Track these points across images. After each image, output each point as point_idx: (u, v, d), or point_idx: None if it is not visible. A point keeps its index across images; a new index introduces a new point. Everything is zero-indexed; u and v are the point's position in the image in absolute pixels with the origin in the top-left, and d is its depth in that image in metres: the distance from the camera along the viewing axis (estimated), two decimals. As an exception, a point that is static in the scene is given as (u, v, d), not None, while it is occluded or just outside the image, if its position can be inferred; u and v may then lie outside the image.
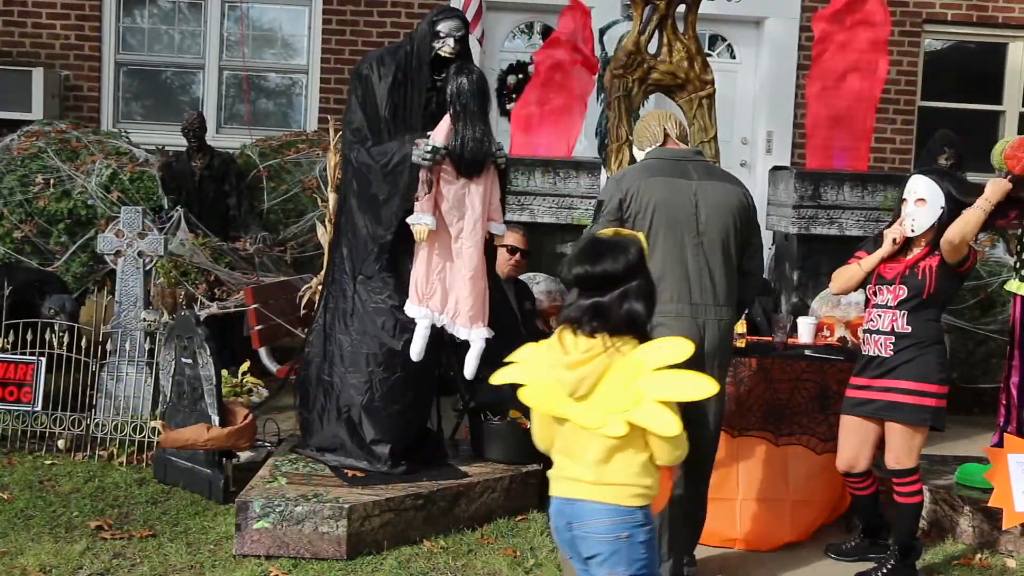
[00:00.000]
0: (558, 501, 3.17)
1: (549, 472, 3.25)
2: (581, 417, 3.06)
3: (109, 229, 6.46)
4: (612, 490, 3.07)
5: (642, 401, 3.00)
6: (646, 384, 3.01)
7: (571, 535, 3.13)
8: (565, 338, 3.11)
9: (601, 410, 3.04)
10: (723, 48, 10.82)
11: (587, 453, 3.08)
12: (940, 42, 11.20)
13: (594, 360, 3.04)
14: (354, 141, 5.14)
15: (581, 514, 3.10)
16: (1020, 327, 5.35)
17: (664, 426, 2.98)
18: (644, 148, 4.53)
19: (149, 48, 10.67)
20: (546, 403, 3.15)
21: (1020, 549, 5.01)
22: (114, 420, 5.99)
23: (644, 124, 4.63)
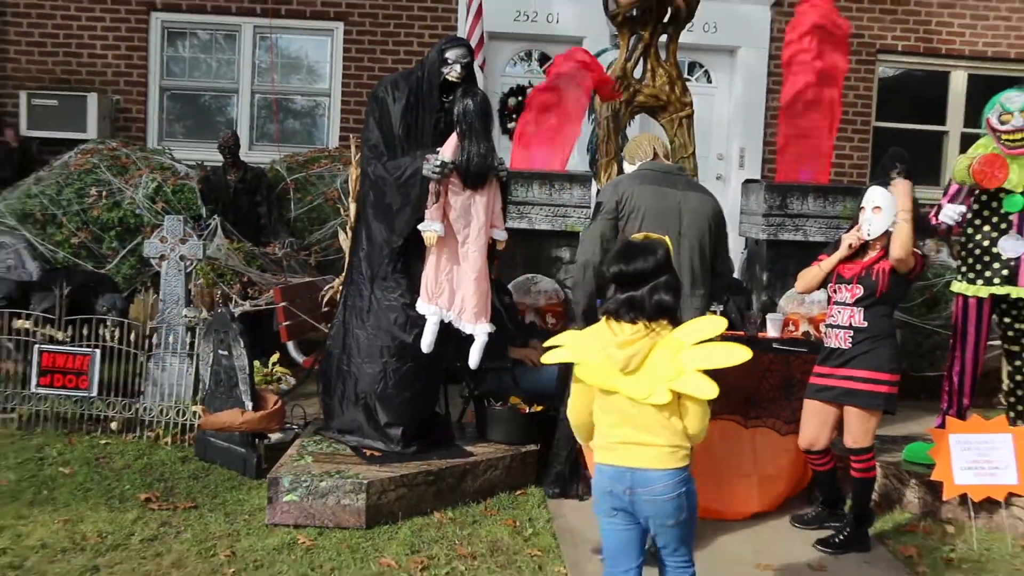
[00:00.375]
0: (615, 469, 3.23)
1: (595, 443, 3.33)
2: (630, 389, 3.17)
3: (155, 235, 6.47)
4: (669, 456, 3.19)
5: (683, 372, 3.13)
6: (686, 357, 3.15)
7: (631, 499, 3.20)
8: (611, 325, 3.25)
9: (648, 382, 3.15)
10: (701, 74, 10.83)
11: (641, 424, 3.19)
12: (892, 70, 11.22)
13: (642, 339, 3.18)
14: (371, 156, 5.16)
15: (646, 480, 3.18)
16: (961, 323, 5.37)
17: (704, 391, 3.11)
18: (635, 162, 4.72)
19: (189, 74, 10.69)
20: (599, 378, 3.22)
21: (958, 516, 5.03)
22: (160, 405, 6.02)
23: (636, 143, 4.83)
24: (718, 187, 10.40)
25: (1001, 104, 5.08)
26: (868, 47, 10.84)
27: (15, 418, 6.01)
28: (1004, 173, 5.07)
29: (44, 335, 6.13)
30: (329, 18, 10.47)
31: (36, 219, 8.04)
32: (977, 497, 4.88)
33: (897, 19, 10.85)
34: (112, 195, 8.14)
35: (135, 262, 7.86)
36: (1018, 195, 5.12)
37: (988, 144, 5.20)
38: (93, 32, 10.31)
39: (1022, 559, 4.68)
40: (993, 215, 5.22)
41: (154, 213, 7.98)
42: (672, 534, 3.25)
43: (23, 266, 7.47)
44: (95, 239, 8.01)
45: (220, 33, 10.65)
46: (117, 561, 4.19)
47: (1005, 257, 5.16)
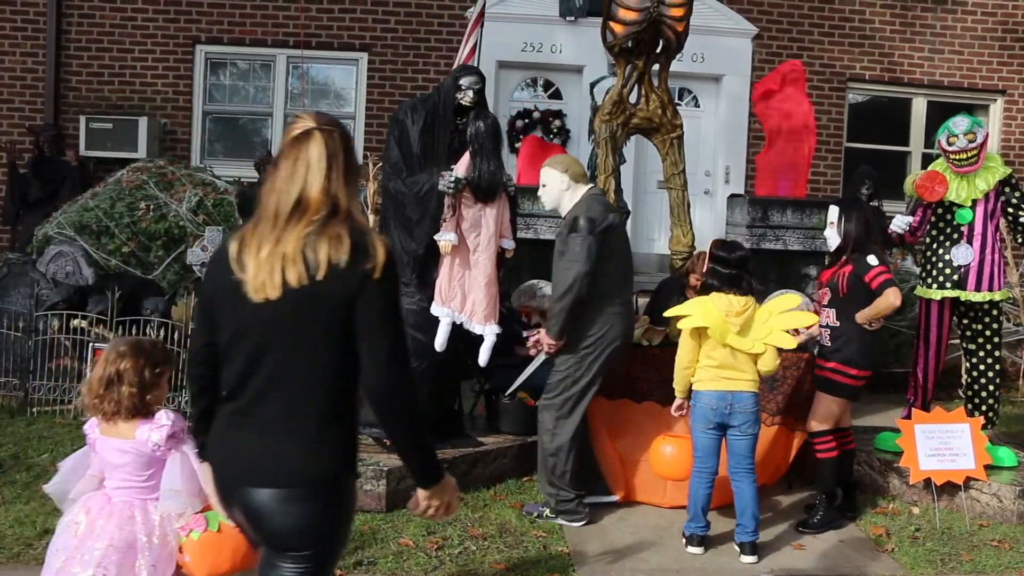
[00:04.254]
0: (720, 393, 4.25)
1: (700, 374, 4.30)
2: (739, 343, 4.25)
3: (196, 244, 6.45)
4: (752, 384, 4.30)
5: (773, 331, 4.30)
6: (775, 322, 4.32)
7: (729, 413, 4.25)
8: (723, 299, 4.28)
9: (751, 338, 4.27)
10: (690, 99, 10.78)
11: (737, 364, 4.27)
12: (860, 96, 11.17)
13: (748, 310, 4.29)
14: (392, 173, 5.12)
15: (741, 399, 4.26)
16: (924, 324, 5.33)
17: (787, 343, 4.35)
18: (579, 182, 4.69)
19: (229, 100, 10.68)
20: (721, 336, 4.23)
21: (922, 499, 4.99)
22: (200, 397, 5.97)
23: (574, 163, 4.78)
24: (706, 201, 10.35)
25: (949, 128, 5.15)
26: (839, 76, 10.80)
27: (72, 409, 5.97)
28: (943, 188, 5.12)
29: (98, 334, 6.09)
30: (355, 49, 10.46)
31: (92, 230, 8.01)
32: (939, 481, 4.84)
33: (864, 51, 10.81)
34: (159, 208, 8.11)
35: (179, 269, 7.82)
36: (968, 209, 5.12)
37: (943, 163, 5.21)
38: (144, 63, 10.31)
39: (979, 536, 4.65)
40: (947, 227, 5.21)
41: (196, 224, 7.95)
42: (748, 443, 4.29)
43: (80, 272, 7.44)
44: (143, 248, 7.98)
45: (257, 63, 10.64)
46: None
47: (956, 264, 5.15)
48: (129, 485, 2.76)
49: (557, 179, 4.63)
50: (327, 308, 2.12)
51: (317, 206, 2.14)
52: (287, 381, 2.14)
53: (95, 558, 2.64)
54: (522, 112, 10.56)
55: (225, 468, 2.22)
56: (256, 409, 2.17)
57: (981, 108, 11.02)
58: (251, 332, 2.16)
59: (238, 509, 2.21)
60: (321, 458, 2.15)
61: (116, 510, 2.72)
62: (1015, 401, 7.09)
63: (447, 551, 4.19)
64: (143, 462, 2.75)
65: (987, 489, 4.89)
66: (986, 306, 5.22)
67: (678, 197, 6.31)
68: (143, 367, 2.73)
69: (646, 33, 5.95)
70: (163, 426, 2.73)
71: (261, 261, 2.12)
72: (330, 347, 2.14)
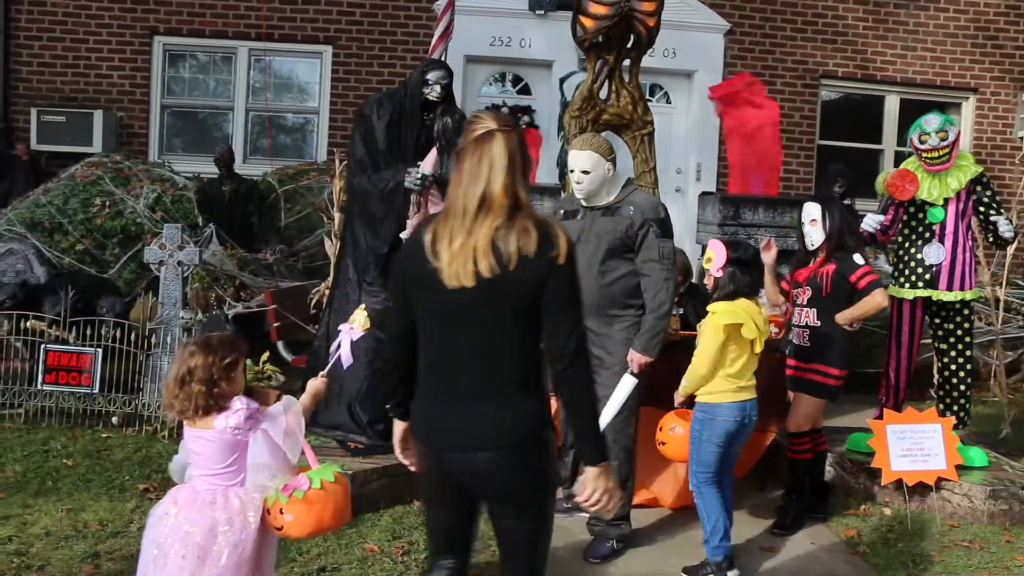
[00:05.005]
0: (740, 403, 4.02)
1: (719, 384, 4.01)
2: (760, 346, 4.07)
3: (154, 242, 6.38)
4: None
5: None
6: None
7: (747, 423, 4.06)
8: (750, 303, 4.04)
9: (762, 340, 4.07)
10: (661, 95, 10.85)
11: (750, 369, 4.07)
12: (834, 93, 11.29)
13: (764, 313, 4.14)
14: (357, 170, 5.10)
15: (755, 408, 4.09)
16: (896, 323, 5.41)
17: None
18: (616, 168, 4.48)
19: (189, 93, 10.58)
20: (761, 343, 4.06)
21: (894, 500, 5.05)
22: (158, 401, 5.91)
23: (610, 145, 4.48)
24: (677, 199, 10.42)
25: (921, 126, 5.20)
26: (812, 72, 10.91)
27: (22, 413, 5.88)
28: (915, 187, 5.18)
29: (50, 335, 6.01)
30: (319, 42, 10.40)
31: (44, 227, 7.91)
32: (911, 482, 4.90)
33: (837, 48, 10.93)
34: (115, 205, 8.03)
35: (136, 267, 7.74)
36: (939, 207, 5.20)
37: (915, 162, 5.28)
38: (100, 54, 10.18)
39: (950, 537, 4.72)
40: (919, 226, 5.29)
41: (154, 222, 7.88)
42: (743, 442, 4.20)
43: (31, 271, 7.34)
44: (99, 246, 7.89)
45: (218, 55, 10.55)
46: (117, 548, 4.10)
47: (927, 263, 5.22)
48: (212, 473, 2.91)
49: (603, 165, 4.15)
50: (518, 293, 2.43)
51: (500, 201, 2.43)
52: (484, 356, 2.47)
53: (177, 546, 2.82)
54: (491, 107, 10.55)
55: (439, 438, 2.53)
56: (460, 382, 2.50)
57: (953, 106, 11.19)
58: (448, 314, 2.47)
59: (458, 473, 2.53)
60: (525, 418, 2.49)
61: (203, 499, 2.88)
62: (986, 401, 7.20)
63: (413, 556, 4.18)
64: (225, 449, 2.90)
65: (958, 490, 4.96)
66: (958, 306, 5.30)
67: (649, 195, 6.35)
68: (212, 364, 2.85)
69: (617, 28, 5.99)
70: (238, 410, 2.87)
71: (455, 252, 2.41)
72: (519, 324, 2.46)
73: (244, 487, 2.91)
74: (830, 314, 4.69)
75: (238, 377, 2.93)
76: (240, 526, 2.86)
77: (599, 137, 4.12)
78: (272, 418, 2.91)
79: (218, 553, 2.82)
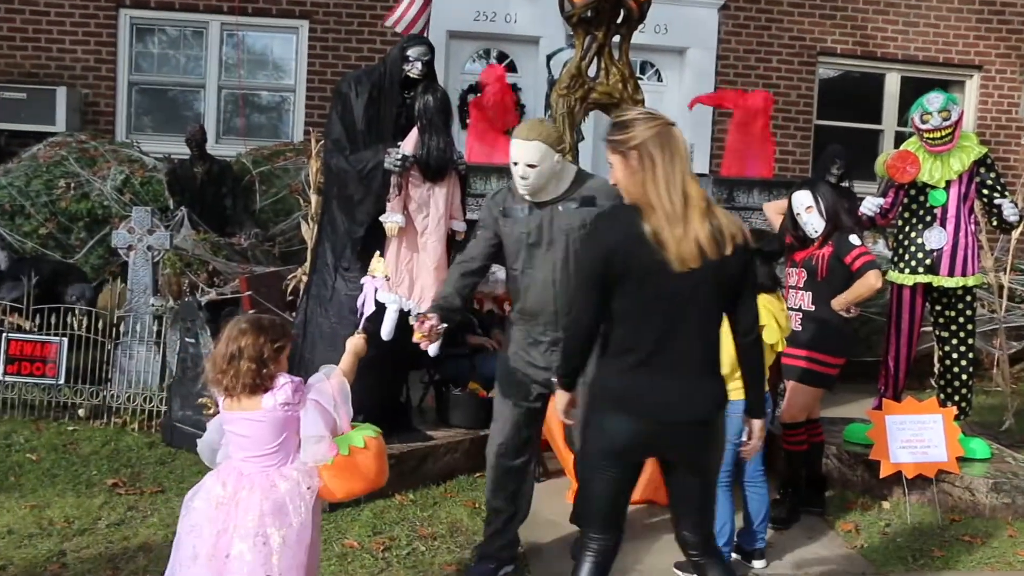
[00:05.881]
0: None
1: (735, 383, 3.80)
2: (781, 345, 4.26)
3: (122, 226, 6.35)
4: None
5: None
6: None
7: None
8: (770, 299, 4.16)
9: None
10: (652, 73, 10.82)
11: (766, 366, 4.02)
12: (832, 71, 11.30)
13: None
14: (334, 150, 5.07)
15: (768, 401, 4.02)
16: (895, 310, 5.42)
17: None
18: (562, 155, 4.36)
19: (158, 70, 10.48)
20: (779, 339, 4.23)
21: (893, 493, 5.08)
22: (127, 392, 5.89)
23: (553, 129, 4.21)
24: (668, 181, 10.40)
25: (922, 105, 5.21)
26: (810, 49, 10.90)
27: (-17, 404, 5.86)
28: (915, 168, 5.19)
29: (11, 324, 5.97)
30: (295, 16, 10.31)
31: (4, 210, 7.85)
32: (911, 474, 4.93)
33: (836, 23, 10.93)
34: (80, 187, 7.96)
35: (103, 252, 7.70)
36: (941, 190, 5.21)
37: (916, 142, 5.29)
38: (62, 27, 10.06)
39: (951, 531, 4.75)
40: (920, 208, 5.30)
41: (122, 204, 7.83)
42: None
43: (-8, 256, 7.29)
44: (63, 230, 7.83)
45: (188, 30, 10.45)
46: (84, 546, 4.09)
47: (928, 248, 5.24)
48: (261, 454, 2.98)
49: (551, 156, 3.77)
50: (729, 275, 2.88)
51: (697, 190, 2.85)
52: (700, 333, 2.90)
53: (250, 529, 2.88)
54: (474, 86, 10.51)
55: (660, 408, 2.89)
56: (688, 358, 2.89)
57: (957, 84, 11.21)
58: (672, 297, 2.84)
59: (668, 439, 2.93)
60: (722, 389, 2.99)
61: (257, 481, 2.95)
62: (989, 391, 7.26)
63: (394, 552, 4.18)
64: (277, 428, 2.98)
65: (959, 482, 4.99)
66: (960, 292, 5.32)
67: (640, 177, 6.34)
68: (263, 344, 2.95)
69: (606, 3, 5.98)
70: (284, 384, 2.97)
71: (679, 239, 2.78)
72: (720, 304, 2.93)
73: (293, 464, 2.99)
74: (825, 299, 4.70)
75: (284, 362, 3.02)
76: (305, 505, 2.96)
77: (546, 124, 3.89)
78: (318, 388, 3.03)
79: (290, 529, 2.91)
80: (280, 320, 3.16)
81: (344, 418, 3.06)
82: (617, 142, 2.89)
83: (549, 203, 3.83)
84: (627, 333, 2.90)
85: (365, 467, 3.05)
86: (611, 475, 2.98)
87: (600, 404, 2.96)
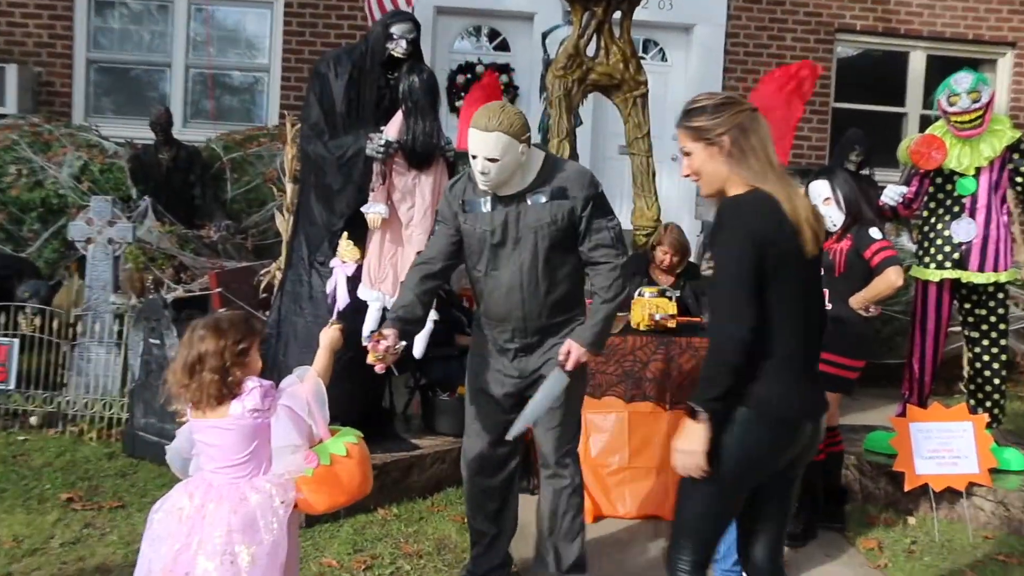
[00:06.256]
0: None
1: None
2: None
3: (80, 217, 6.32)
4: None
5: None
6: None
7: None
8: None
9: None
10: (656, 52, 10.82)
11: None
12: (851, 49, 11.30)
13: None
14: (312, 135, 5.06)
15: None
16: (920, 309, 5.42)
17: None
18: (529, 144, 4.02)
19: (119, 47, 10.45)
20: None
21: (919, 508, 5.07)
22: (84, 398, 5.86)
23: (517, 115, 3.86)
24: (674, 169, 10.40)
25: (950, 86, 5.20)
26: (826, 26, 10.90)
27: (-73, 411, 5.82)
28: (941, 154, 5.19)
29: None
30: (268, -11, 10.30)
31: (-50, 200, 7.81)
32: (938, 487, 4.91)
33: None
34: (34, 174, 7.93)
35: (59, 246, 7.66)
36: (970, 178, 5.20)
37: (943, 126, 5.28)
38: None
39: (983, 550, 4.73)
40: (947, 198, 5.30)
41: (80, 193, 7.79)
42: None
43: (-63, 249, 7.25)
44: (14, 221, 7.79)
45: (152, 4, 10.43)
46: (35, 567, 4.05)
47: (956, 241, 5.24)
48: (230, 464, 2.95)
49: (515, 148, 3.59)
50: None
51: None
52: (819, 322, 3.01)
53: (217, 547, 2.84)
54: (464, 66, 10.51)
55: (809, 409, 2.94)
56: (812, 355, 2.98)
57: (988, 63, 11.22)
58: (808, 287, 2.91)
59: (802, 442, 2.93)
60: None
61: (225, 494, 2.92)
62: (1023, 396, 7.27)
63: (376, 571, 4.16)
64: (246, 436, 2.95)
65: (992, 496, 4.99)
66: (991, 288, 5.31)
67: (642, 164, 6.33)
68: (223, 349, 2.92)
69: (607, -26, 5.95)
70: (253, 389, 2.94)
71: (805, 222, 2.82)
72: None
73: (267, 475, 2.97)
74: (844, 297, 4.68)
75: (251, 361, 2.99)
76: (278, 520, 2.92)
77: (508, 109, 3.63)
78: (290, 393, 2.99)
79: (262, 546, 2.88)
80: (243, 316, 3.12)
81: (321, 424, 3.03)
82: (703, 129, 2.90)
83: (515, 196, 3.68)
84: (784, 334, 2.84)
85: (348, 477, 3.01)
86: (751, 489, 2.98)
87: (764, 421, 2.84)
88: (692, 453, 2.82)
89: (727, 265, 2.81)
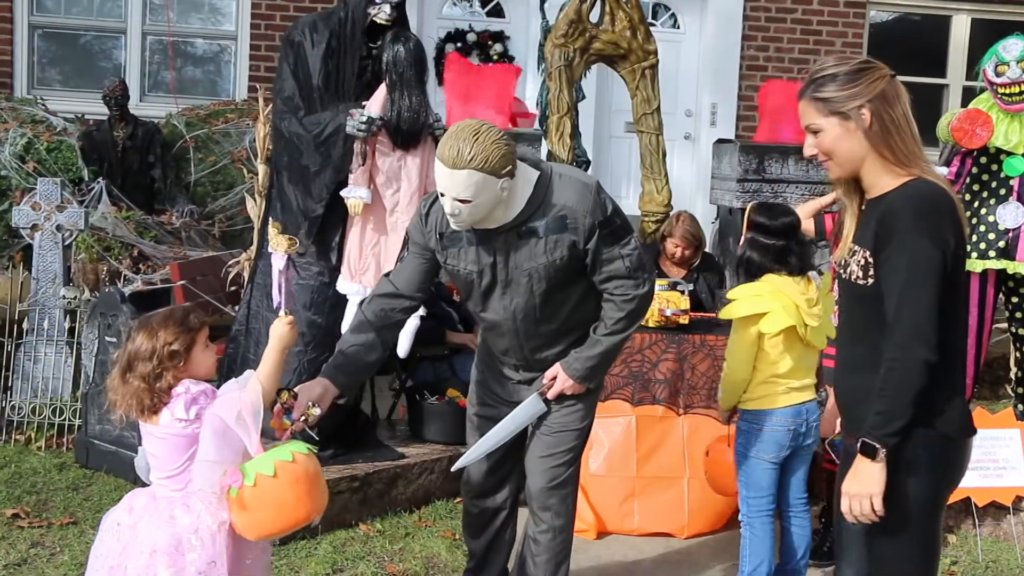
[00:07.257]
0: (796, 407, 4.06)
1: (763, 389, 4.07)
2: (815, 339, 4.08)
3: (25, 201, 6.32)
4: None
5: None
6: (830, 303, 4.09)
7: (806, 430, 4.08)
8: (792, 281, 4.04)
9: (820, 331, 4.07)
10: (667, 18, 10.84)
11: (806, 365, 4.10)
12: (885, 14, 11.32)
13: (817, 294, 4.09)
14: (285, 111, 5.06)
15: (814, 412, 4.09)
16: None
17: None
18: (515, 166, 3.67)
19: (66, 10, 10.43)
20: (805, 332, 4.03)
21: (960, 524, 5.09)
22: (32, 403, 5.88)
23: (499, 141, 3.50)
24: (687, 147, 10.43)
25: (998, 54, 5.19)
26: (858, -12, 10.91)
27: None
28: (987, 131, 5.17)
29: None
30: (235, -53, 10.30)
31: None
32: (981, 502, 4.94)
33: (890, -44, 10.94)
34: (-28, 154, 7.93)
35: (1, 233, 7.67)
36: (1019, 157, 5.21)
37: (989, 99, 5.28)
38: (-54, -43, 10.01)
39: (1031, 571, 4.77)
40: (993, 180, 5.31)
41: (24, 175, 7.80)
42: (807, 459, 4.25)
43: None
44: (-49, 206, 7.81)
45: (104, -37, 10.42)
46: (-21, 589, 4.09)
47: (1002, 227, 5.26)
48: (167, 475, 2.99)
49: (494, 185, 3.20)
50: None
51: None
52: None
53: (140, 570, 2.86)
54: (454, 33, 10.51)
55: (971, 425, 2.96)
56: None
57: (1037, 30, 11.22)
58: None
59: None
60: None
61: (157, 509, 2.95)
62: (1074, 400, 7.29)
63: (358, 597, 4.20)
64: (180, 447, 2.96)
65: (1041, 511, 5.02)
66: (1040, 281, 5.34)
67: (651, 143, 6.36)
68: (153, 352, 2.92)
69: (613, -69, 5.97)
70: (177, 396, 2.93)
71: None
72: None
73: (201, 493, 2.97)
74: None
75: (191, 363, 2.98)
76: (211, 543, 2.91)
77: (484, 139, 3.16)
78: (223, 401, 2.96)
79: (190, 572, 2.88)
80: (182, 311, 3.10)
81: (254, 438, 2.94)
82: (836, 100, 2.75)
83: (502, 229, 3.38)
84: (953, 344, 2.80)
85: (277, 502, 2.92)
86: None
87: (952, 441, 2.87)
88: (868, 496, 2.72)
89: (916, 275, 2.66)
